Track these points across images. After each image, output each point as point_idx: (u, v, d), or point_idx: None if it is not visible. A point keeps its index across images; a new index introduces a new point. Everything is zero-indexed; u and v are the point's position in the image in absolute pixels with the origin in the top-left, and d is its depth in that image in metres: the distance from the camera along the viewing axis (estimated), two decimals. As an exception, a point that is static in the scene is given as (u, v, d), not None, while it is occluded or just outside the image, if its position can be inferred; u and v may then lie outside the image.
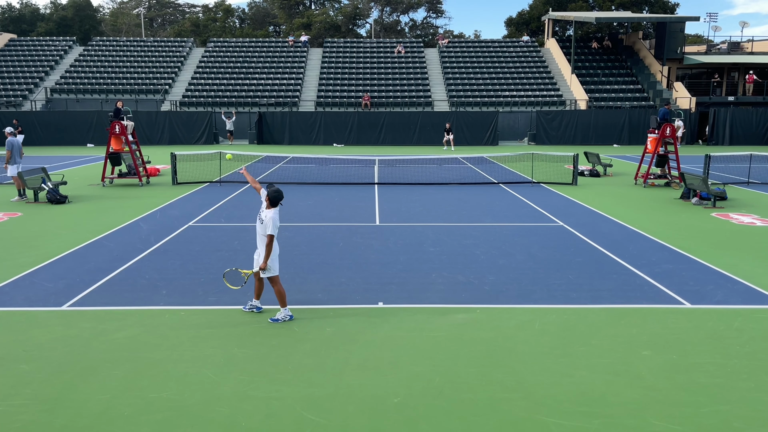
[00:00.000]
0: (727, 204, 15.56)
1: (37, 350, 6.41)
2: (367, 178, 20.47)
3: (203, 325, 7.13)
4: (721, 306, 7.84)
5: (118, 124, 18.61)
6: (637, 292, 8.38)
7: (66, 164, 25.52)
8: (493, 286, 8.63)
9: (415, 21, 79.40)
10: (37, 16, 72.72)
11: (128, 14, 79.87)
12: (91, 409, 5.22)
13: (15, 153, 16.06)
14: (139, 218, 13.48)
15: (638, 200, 16.36)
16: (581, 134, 37.31)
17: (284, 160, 26.55)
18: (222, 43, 49.05)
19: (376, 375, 5.87)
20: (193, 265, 9.66)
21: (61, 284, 8.62)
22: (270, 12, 79.25)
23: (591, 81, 42.54)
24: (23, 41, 48.19)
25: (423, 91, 42.05)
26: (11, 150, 16.03)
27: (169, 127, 36.80)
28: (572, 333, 6.92)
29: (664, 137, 18.83)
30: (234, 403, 5.32)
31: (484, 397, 5.46)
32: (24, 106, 39.82)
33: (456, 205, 15.25)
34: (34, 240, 11.40)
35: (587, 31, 52.67)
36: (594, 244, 11.15)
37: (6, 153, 16.05)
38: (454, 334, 6.89)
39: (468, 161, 26.24)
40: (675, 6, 59.24)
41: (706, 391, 5.56)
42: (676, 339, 6.75)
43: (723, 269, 9.47)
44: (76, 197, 16.36)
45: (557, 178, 20.04)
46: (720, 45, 47.53)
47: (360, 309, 7.67)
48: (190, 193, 17.18)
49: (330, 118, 37.38)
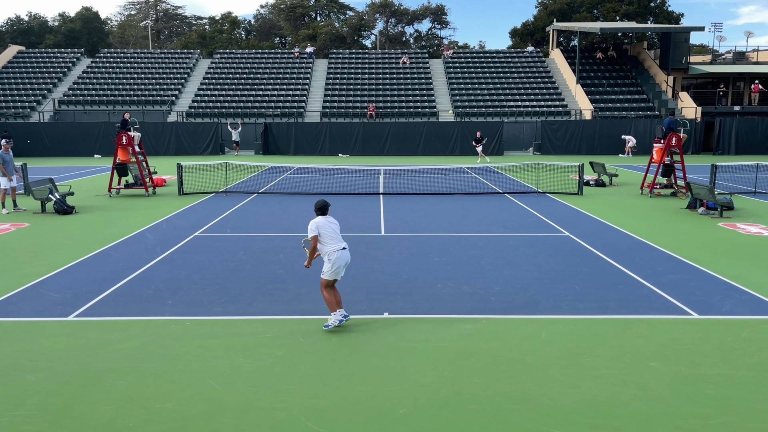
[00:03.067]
0: (734, 214, 15.49)
1: (42, 360, 6.42)
2: (373, 188, 20.49)
3: (208, 336, 7.13)
4: (729, 317, 7.79)
5: (125, 135, 18.74)
6: (643, 302, 8.33)
7: (73, 175, 25.67)
8: (499, 296, 8.60)
9: (420, 32, 79.83)
10: (45, 28, 73.47)
11: (136, 26, 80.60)
12: (96, 419, 5.21)
13: (9, 166, 15.85)
14: (146, 228, 13.53)
15: (644, 210, 16.31)
16: (586, 144, 37.29)
17: (290, 170, 26.62)
18: (228, 54, 49.40)
19: (381, 386, 5.85)
20: (198, 275, 9.67)
21: (67, 294, 8.65)
22: (276, 24, 79.81)
23: (596, 91, 42.57)
24: (32, 53, 48.67)
25: (428, 101, 42.18)
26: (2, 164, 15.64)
27: (175, 138, 37.02)
28: (579, 344, 6.88)
29: (669, 147, 18.80)
30: (239, 414, 5.31)
31: (490, 408, 5.43)
32: (32, 118, 40.15)
33: (461, 215, 15.24)
34: (41, 250, 11.45)
35: (592, 41, 52.81)
36: (600, 254, 11.10)
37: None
38: (459, 344, 6.86)
39: (473, 171, 26.25)
40: (680, 16, 59.33)
41: (714, 403, 5.51)
42: (683, 350, 6.70)
43: (730, 279, 9.41)
44: (83, 208, 16.44)
45: (563, 188, 20.01)
46: (725, 55, 47.56)
47: (365, 319, 7.66)
48: (196, 204, 17.24)
49: (335, 129, 37.52)
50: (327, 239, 7.30)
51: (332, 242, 7.30)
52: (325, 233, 7.31)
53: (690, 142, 36.55)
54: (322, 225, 7.31)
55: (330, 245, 7.31)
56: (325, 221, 7.36)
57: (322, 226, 7.30)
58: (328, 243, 7.30)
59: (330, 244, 7.31)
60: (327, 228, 7.32)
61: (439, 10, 76.26)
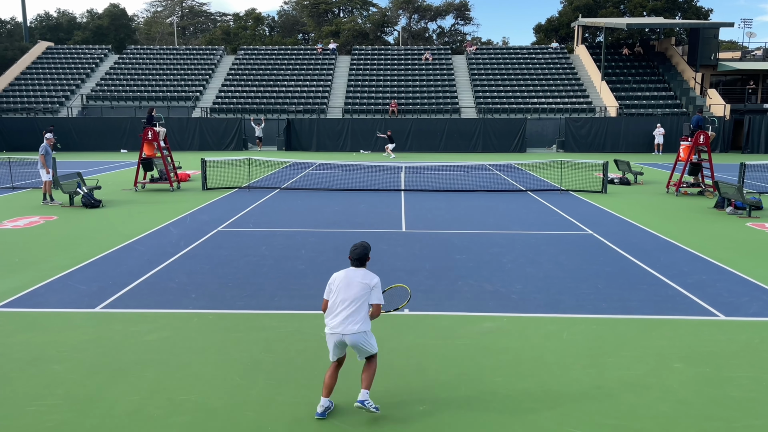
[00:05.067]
0: (762, 214, 15.16)
1: (70, 351, 6.56)
2: (394, 184, 20.49)
3: (231, 329, 7.21)
4: (757, 318, 7.64)
5: (151, 131, 19.00)
6: (668, 303, 8.21)
7: (100, 169, 26.12)
8: (521, 294, 8.55)
9: (443, 28, 79.44)
10: (73, 24, 74.73)
11: (162, 23, 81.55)
12: (121, 410, 5.31)
13: (48, 159, 16.47)
14: (170, 223, 13.71)
15: (670, 209, 16.05)
16: (611, 142, 36.78)
17: (312, 166, 26.74)
18: (252, 50, 49.73)
19: (401, 382, 5.86)
20: (221, 269, 9.78)
21: (94, 286, 8.81)
22: (299, 20, 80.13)
23: (621, 88, 41.93)
24: (60, 49, 49.55)
25: (450, 98, 41.99)
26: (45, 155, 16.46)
27: (199, 134, 37.41)
28: (601, 344, 6.81)
29: (697, 145, 18.46)
30: (260, 408, 5.36)
31: (510, 407, 5.40)
32: (61, 113, 40.90)
33: (483, 213, 15.16)
34: (69, 243, 11.68)
35: (618, 37, 52.01)
36: (624, 253, 10.96)
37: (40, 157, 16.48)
38: (480, 342, 6.84)
39: (495, 168, 26.09)
40: (708, 12, 58.15)
41: (739, 406, 5.41)
42: (708, 352, 6.59)
43: (758, 281, 9.22)
44: (110, 202, 16.72)
45: (586, 186, 19.79)
46: (755, 51, 46.47)
47: (385, 315, 7.66)
48: (220, 199, 17.42)
49: (357, 125, 37.55)
50: (330, 305, 5.22)
51: (329, 314, 5.20)
52: (332, 297, 5.21)
53: (718, 140, 35.82)
54: (332, 282, 5.27)
55: (327, 317, 5.23)
56: (342, 277, 5.24)
57: (332, 282, 5.27)
58: (327, 313, 5.22)
59: (328, 315, 5.22)
60: (335, 289, 5.20)
61: (462, 6, 75.79)
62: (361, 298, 5.13)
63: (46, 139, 16.86)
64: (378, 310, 5.24)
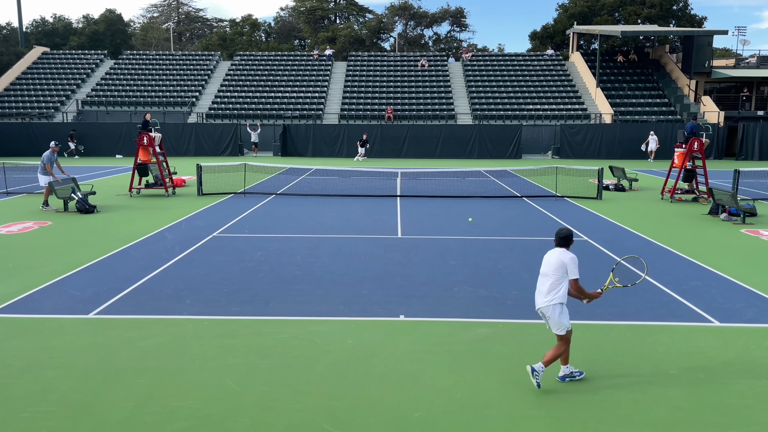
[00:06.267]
0: (756, 220, 15.23)
1: (63, 357, 6.52)
2: (390, 190, 20.50)
3: (226, 335, 7.18)
4: (752, 324, 7.66)
5: (146, 136, 18.97)
6: (663, 309, 8.23)
7: (95, 174, 26.04)
8: (516, 300, 8.55)
9: (439, 35, 79.67)
10: (69, 30, 74.65)
11: (158, 28, 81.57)
12: (115, 416, 5.28)
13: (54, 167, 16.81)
14: (165, 228, 13.68)
15: (665, 215, 16.11)
16: (606, 148, 36.92)
17: (308, 172, 26.74)
18: (248, 56, 49.77)
19: (397, 388, 5.85)
20: (216, 275, 9.75)
21: (88, 292, 8.77)
22: (295, 26, 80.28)
23: (616, 95, 42.14)
24: (56, 54, 49.47)
25: (446, 104, 42.10)
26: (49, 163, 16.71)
27: (195, 139, 37.37)
28: (597, 350, 6.81)
29: (691, 152, 18.55)
30: (256, 414, 5.34)
31: (506, 413, 5.39)
32: (56, 118, 40.80)
33: (479, 219, 15.18)
34: (63, 248, 11.63)
35: (612, 44, 52.29)
36: (619, 259, 10.96)
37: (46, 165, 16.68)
38: (476, 348, 6.83)
39: (491, 174, 26.15)
40: (702, 19, 58.54)
41: (735, 412, 5.42)
42: (704, 358, 6.60)
43: (753, 287, 9.25)
44: (105, 207, 16.67)
45: (581, 192, 19.84)
46: (749, 59, 46.81)
47: (381, 321, 7.66)
48: (215, 204, 17.39)
49: (353, 131, 37.58)
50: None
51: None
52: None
53: (712, 147, 35.99)
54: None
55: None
56: (546, 255, 5.97)
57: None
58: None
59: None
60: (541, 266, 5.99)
61: (458, 12, 76.10)
62: (555, 273, 5.70)
63: (50, 147, 17.02)
64: (576, 285, 5.75)
